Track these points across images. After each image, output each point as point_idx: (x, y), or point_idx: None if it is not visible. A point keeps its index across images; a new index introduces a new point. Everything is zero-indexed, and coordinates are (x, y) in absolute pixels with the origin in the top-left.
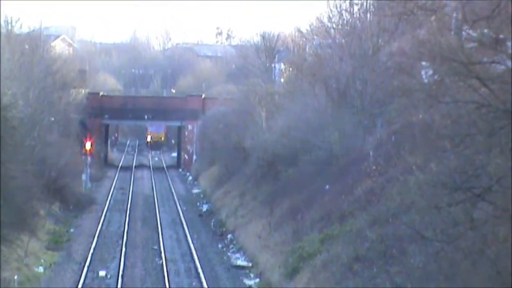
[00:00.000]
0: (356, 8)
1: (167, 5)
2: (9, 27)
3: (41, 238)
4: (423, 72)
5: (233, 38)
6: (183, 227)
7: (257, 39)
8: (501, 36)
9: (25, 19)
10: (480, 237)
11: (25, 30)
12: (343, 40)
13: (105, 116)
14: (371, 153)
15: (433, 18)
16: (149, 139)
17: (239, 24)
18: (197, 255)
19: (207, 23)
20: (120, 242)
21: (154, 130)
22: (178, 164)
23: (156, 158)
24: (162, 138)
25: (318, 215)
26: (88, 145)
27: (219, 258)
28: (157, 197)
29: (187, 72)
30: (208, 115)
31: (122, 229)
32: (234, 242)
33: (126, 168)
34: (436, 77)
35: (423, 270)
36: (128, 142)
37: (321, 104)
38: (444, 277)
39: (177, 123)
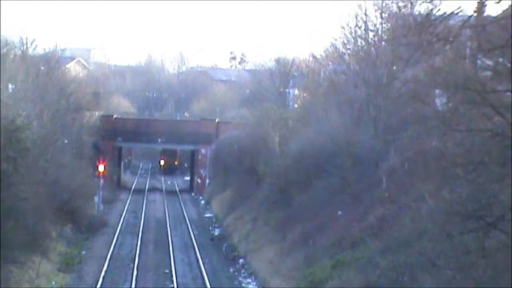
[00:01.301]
0: (371, 34)
1: (182, 29)
2: (24, 48)
3: (52, 259)
4: (437, 100)
5: (246, 62)
6: (195, 251)
7: (271, 64)
8: None
9: (40, 41)
10: (492, 266)
11: (40, 51)
12: (358, 67)
13: (119, 138)
14: (384, 180)
15: (448, 47)
16: (162, 163)
17: (253, 48)
18: (208, 279)
19: (221, 47)
20: (132, 265)
21: (168, 155)
22: (191, 187)
23: (169, 182)
24: (176, 163)
25: (330, 241)
26: (101, 168)
27: (231, 282)
28: (169, 221)
29: (201, 96)
30: (222, 139)
31: (134, 252)
32: (246, 266)
33: (139, 191)
34: (450, 105)
35: None
36: (141, 165)
37: (335, 130)
38: None
39: (191, 147)
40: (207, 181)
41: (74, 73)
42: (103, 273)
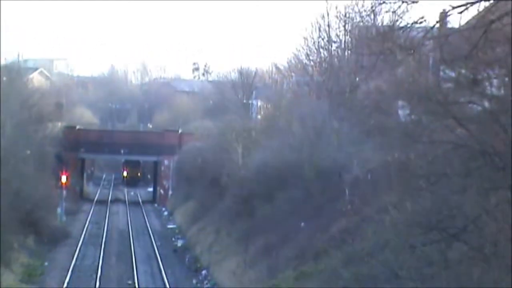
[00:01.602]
0: (334, 45)
1: (144, 40)
2: None
3: (15, 271)
4: (400, 112)
5: (210, 73)
6: (158, 262)
7: (234, 74)
8: (478, 76)
9: (2, 51)
10: (455, 277)
11: (2, 62)
12: (321, 78)
13: (81, 149)
14: (347, 192)
15: (411, 58)
16: (125, 174)
17: (217, 59)
18: None
19: (184, 58)
20: (95, 276)
21: (130, 166)
22: (154, 199)
23: (132, 193)
24: (139, 175)
25: (293, 252)
26: (63, 179)
27: None
28: (132, 232)
29: (164, 107)
30: (185, 150)
31: (97, 263)
32: (209, 278)
33: (102, 202)
34: (412, 116)
35: None
36: (104, 176)
37: (298, 141)
38: None
39: (154, 158)
40: (170, 192)
41: (37, 84)
42: (65, 284)
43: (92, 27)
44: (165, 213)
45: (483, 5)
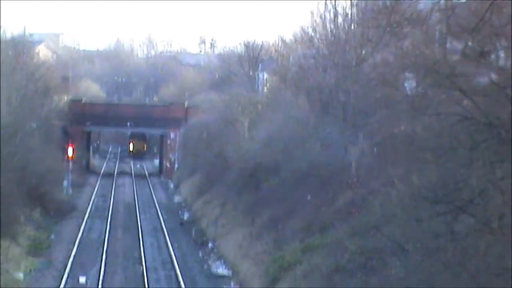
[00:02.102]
0: (340, 18)
1: (150, 13)
2: None
3: (21, 244)
4: (406, 84)
5: (216, 47)
6: (164, 235)
7: (240, 48)
8: (485, 48)
9: (8, 25)
10: (461, 250)
11: (8, 36)
12: (327, 51)
13: (87, 123)
14: (353, 165)
15: (417, 30)
16: (131, 148)
17: (223, 33)
18: (177, 263)
19: (190, 31)
20: (101, 249)
21: (137, 139)
22: (160, 172)
23: (138, 166)
24: (145, 148)
25: (299, 225)
26: (70, 152)
27: (200, 266)
28: (138, 205)
29: (170, 81)
30: (191, 123)
31: (103, 236)
32: (215, 251)
33: (108, 175)
34: (419, 89)
35: (404, 282)
36: (110, 149)
37: (304, 114)
38: None
39: (160, 131)
40: (176, 165)
41: (43, 57)
42: (72, 258)
43: (98, 1)
44: (171, 186)
45: None
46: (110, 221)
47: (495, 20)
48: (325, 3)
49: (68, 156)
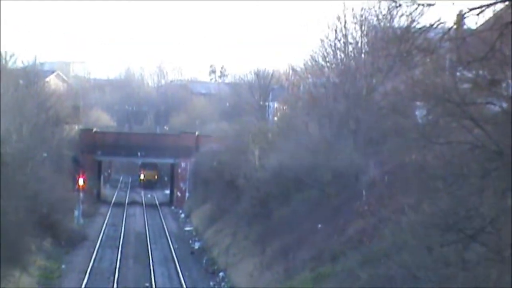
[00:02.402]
0: (350, 47)
1: (161, 43)
2: (4, 62)
3: (32, 274)
4: (417, 113)
5: (226, 76)
6: (175, 264)
7: (251, 76)
8: (495, 77)
9: (19, 54)
10: (472, 279)
11: (19, 65)
12: (337, 79)
13: (98, 152)
14: (364, 193)
15: (428, 59)
16: (142, 177)
17: (233, 61)
18: None
19: (201, 60)
20: (112, 278)
21: (147, 169)
22: (170, 201)
23: (149, 195)
24: (156, 177)
25: (310, 254)
26: (80, 181)
27: None
28: (149, 234)
29: (181, 109)
30: (202, 152)
31: (114, 265)
32: (226, 280)
33: (119, 205)
34: (430, 117)
35: None
36: (121, 179)
37: (314, 143)
38: None
39: (170, 160)
40: (187, 194)
41: (54, 87)
42: (83, 287)
43: (108, 30)
44: (182, 215)
45: (499, 6)
46: (121, 251)
47: (505, 49)
48: (335, 32)
49: (79, 186)
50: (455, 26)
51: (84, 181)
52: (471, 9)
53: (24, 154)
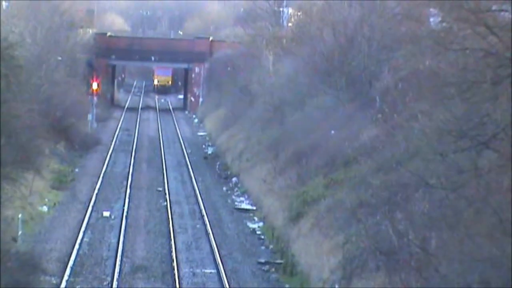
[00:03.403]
0: None
1: None
2: None
3: (45, 177)
4: (431, 19)
5: None
6: (188, 169)
7: None
8: None
9: None
10: (484, 186)
11: None
12: None
13: (112, 56)
14: (377, 100)
15: None
16: (156, 82)
17: None
18: (201, 197)
19: None
20: (125, 183)
21: (161, 74)
22: (184, 106)
23: (163, 100)
24: (169, 82)
25: (323, 160)
26: (94, 85)
27: (223, 201)
28: (162, 139)
29: (195, 15)
30: (215, 58)
31: (127, 170)
32: (239, 185)
33: (132, 109)
34: (444, 24)
35: (427, 217)
36: (134, 83)
37: (329, 49)
38: (447, 225)
39: (184, 65)
40: (201, 99)
41: None
42: (96, 191)
43: None
44: (196, 120)
45: None
46: (134, 155)
47: None
48: None
49: (93, 90)
50: None
51: (98, 85)
52: None
53: (38, 58)
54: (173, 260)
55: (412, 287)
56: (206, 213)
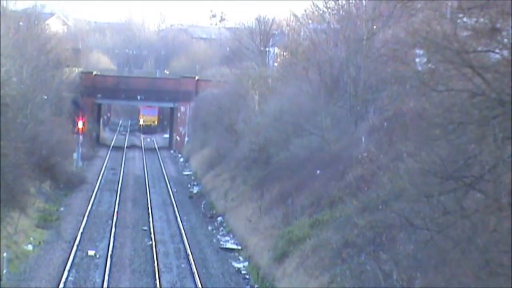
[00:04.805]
0: None
1: None
2: (4, 4)
3: (31, 216)
4: (417, 60)
5: (226, 21)
6: (173, 209)
7: (251, 22)
8: (496, 25)
9: None
10: (470, 226)
11: (20, 7)
12: (338, 25)
13: (98, 95)
14: (363, 140)
15: (428, 5)
16: (141, 122)
17: (233, 7)
18: (186, 236)
19: (201, 5)
20: (110, 222)
21: (147, 114)
22: (170, 145)
23: (148, 139)
24: (155, 122)
25: (308, 200)
26: (80, 124)
27: (209, 240)
28: (148, 178)
29: (181, 54)
30: (201, 97)
31: (112, 209)
32: (224, 224)
33: (118, 148)
34: (429, 65)
35: (412, 258)
36: (120, 122)
37: (314, 88)
38: (433, 266)
39: (170, 104)
40: (186, 138)
41: (54, 29)
42: (81, 230)
43: None
44: (181, 159)
45: None
46: (120, 194)
47: None
48: None
49: (78, 129)
50: None
51: (83, 124)
52: None
53: (24, 97)
54: None
55: None
56: (191, 252)
